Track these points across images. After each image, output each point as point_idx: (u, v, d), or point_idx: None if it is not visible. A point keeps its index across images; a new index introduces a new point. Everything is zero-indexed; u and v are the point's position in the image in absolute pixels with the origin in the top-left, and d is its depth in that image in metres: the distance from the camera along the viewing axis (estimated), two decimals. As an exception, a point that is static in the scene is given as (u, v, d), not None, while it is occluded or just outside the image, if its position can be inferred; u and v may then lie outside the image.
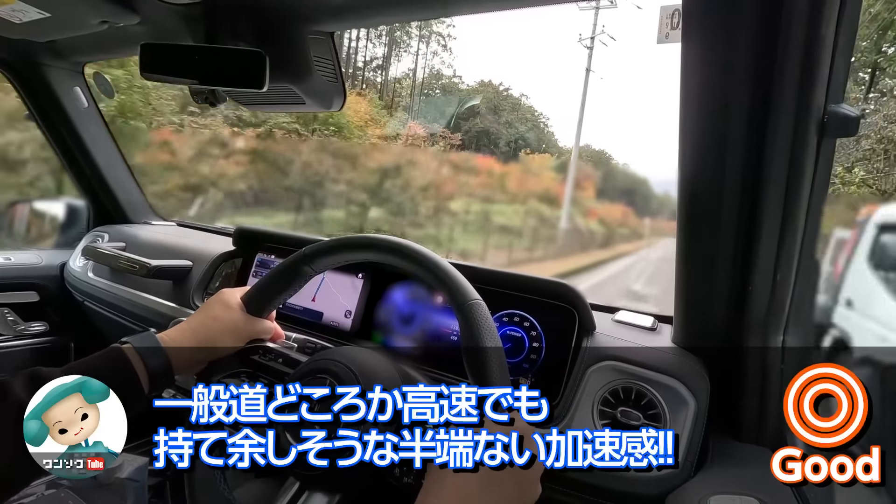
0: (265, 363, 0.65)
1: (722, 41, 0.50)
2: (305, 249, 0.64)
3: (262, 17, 0.77)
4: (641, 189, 13.11)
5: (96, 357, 0.56)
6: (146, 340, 0.59)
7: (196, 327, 0.63)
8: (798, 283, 0.61)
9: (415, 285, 0.91)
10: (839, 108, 0.51)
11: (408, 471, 0.53)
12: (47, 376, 0.52)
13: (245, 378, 0.66)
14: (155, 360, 0.58)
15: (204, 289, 1.17)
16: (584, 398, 0.70)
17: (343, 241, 0.63)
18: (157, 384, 0.58)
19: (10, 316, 1.43)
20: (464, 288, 0.55)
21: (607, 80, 22.72)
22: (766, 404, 0.68)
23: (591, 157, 13.65)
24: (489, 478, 0.45)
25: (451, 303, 0.55)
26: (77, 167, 1.53)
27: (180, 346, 0.60)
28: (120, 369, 0.56)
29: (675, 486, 0.62)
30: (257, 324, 0.65)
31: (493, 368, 0.51)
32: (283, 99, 0.89)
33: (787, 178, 0.54)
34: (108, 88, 1.43)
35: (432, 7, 0.74)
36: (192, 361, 0.62)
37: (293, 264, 0.64)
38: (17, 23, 0.87)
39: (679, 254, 0.67)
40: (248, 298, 0.66)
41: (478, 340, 0.52)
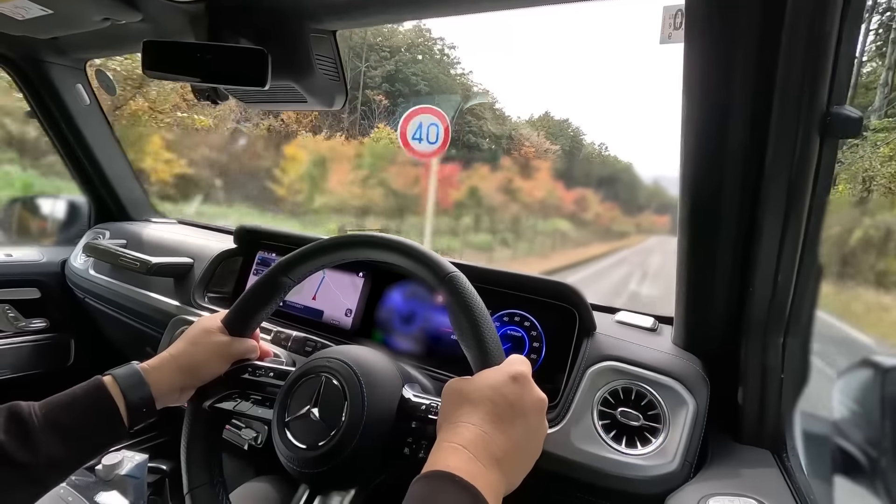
0: (255, 379, 0.64)
1: (724, 42, 0.50)
2: (281, 261, 0.64)
3: (265, 15, 0.78)
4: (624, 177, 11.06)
5: (76, 389, 0.56)
6: (127, 372, 0.58)
7: (178, 356, 0.62)
8: (799, 284, 0.61)
9: (415, 284, 0.91)
10: (842, 110, 0.51)
11: (418, 446, 0.54)
12: (25, 411, 0.51)
13: (237, 398, 0.65)
14: (136, 393, 0.57)
15: (205, 286, 1.17)
16: (584, 398, 0.70)
17: (314, 247, 0.63)
18: (137, 418, 0.57)
19: (10, 312, 1.43)
20: (440, 263, 0.55)
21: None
22: (766, 405, 0.68)
23: (547, 126, 11.49)
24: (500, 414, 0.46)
25: (431, 280, 0.55)
26: (79, 164, 1.53)
27: (162, 374, 0.60)
28: (101, 404, 0.55)
29: (675, 487, 0.62)
30: (241, 344, 0.65)
31: (488, 348, 0.51)
32: (285, 97, 0.89)
33: (789, 179, 0.54)
34: (110, 85, 1.43)
35: (434, 6, 0.74)
36: (175, 390, 0.61)
37: (270, 278, 0.64)
38: (20, 19, 0.87)
39: (680, 255, 0.67)
40: (228, 320, 0.65)
41: (465, 317, 0.52)
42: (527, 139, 10.38)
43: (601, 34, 47.77)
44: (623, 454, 0.65)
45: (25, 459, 0.49)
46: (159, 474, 1.19)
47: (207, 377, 0.63)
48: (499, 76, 23.78)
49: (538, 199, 9.07)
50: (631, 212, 9.82)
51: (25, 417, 0.51)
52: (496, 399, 0.46)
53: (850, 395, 0.70)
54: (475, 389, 0.48)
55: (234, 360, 0.65)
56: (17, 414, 0.51)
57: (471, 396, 0.47)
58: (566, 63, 21.24)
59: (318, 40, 0.84)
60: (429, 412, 0.55)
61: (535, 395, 0.49)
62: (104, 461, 0.98)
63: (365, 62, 14.83)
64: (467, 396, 0.47)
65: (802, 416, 0.70)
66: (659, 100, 21.77)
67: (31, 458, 0.49)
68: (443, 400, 0.50)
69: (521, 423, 0.47)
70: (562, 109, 19.09)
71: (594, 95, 22.76)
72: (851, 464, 0.65)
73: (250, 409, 0.64)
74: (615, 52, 44.74)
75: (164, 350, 0.63)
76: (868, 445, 0.64)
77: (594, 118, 24.74)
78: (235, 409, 0.64)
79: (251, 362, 0.66)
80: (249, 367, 0.65)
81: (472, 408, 0.46)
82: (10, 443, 0.49)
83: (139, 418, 0.57)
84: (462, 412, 0.46)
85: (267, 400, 0.64)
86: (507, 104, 16.43)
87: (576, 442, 0.67)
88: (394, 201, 8.18)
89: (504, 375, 0.48)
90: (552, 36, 41.37)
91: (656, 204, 9.24)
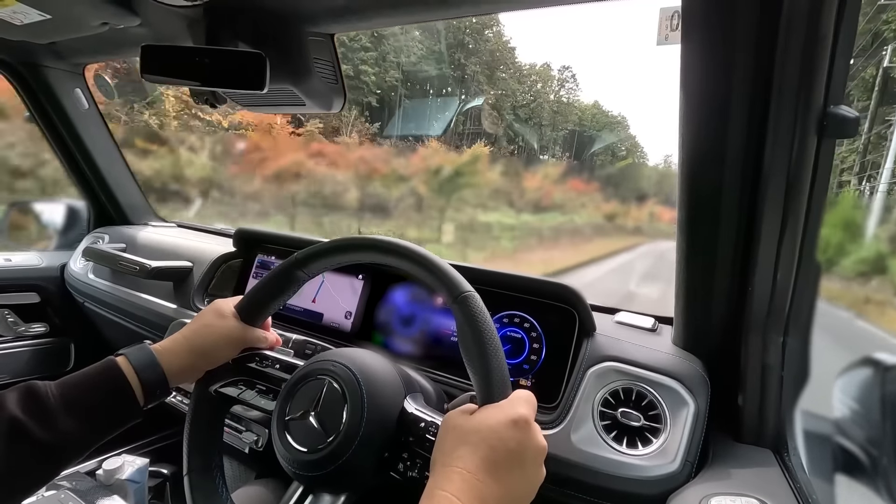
0: (262, 370, 0.65)
1: (721, 43, 0.50)
2: (298, 254, 0.63)
3: (262, 18, 0.78)
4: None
5: (90, 369, 0.56)
6: (141, 353, 0.59)
7: (190, 337, 0.62)
8: (798, 283, 0.61)
9: (414, 286, 0.91)
10: (839, 110, 0.51)
11: (412, 464, 0.53)
12: (42, 390, 0.52)
13: (242, 386, 0.66)
14: (149, 372, 0.57)
15: (204, 290, 1.17)
16: (585, 399, 0.70)
17: (335, 243, 0.62)
18: (151, 396, 0.58)
19: (10, 317, 1.43)
20: (457, 281, 0.54)
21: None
22: (767, 405, 0.68)
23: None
24: (495, 463, 0.45)
25: (446, 297, 0.54)
26: (77, 169, 1.53)
27: (174, 355, 0.60)
28: (114, 382, 0.55)
29: (676, 487, 0.62)
30: (252, 332, 0.65)
31: (494, 381, 0.49)
32: (283, 100, 0.89)
33: (786, 179, 0.54)
34: (108, 90, 1.43)
35: (433, 8, 0.74)
36: (187, 371, 0.62)
37: (286, 270, 0.64)
38: (18, 24, 0.87)
39: (679, 255, 0.67)
40: (241, 307, 0.66)
41: (474, 343, 0.50)
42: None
43: (601, 34, 47.91)
44: (624, 455, 0.65)
45: (43, 436, 0.50)
46: (160, 478, 1.19)
47: (217, 361, 0.64)
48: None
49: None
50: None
51: (42, 396, 0.52)
52: (495, 444, 0.44)
53: (850, 393, 0.70)
54: (474, 430, 0.46)
55: (244, 347, 0.66)
56: (35, 392, 0.52)
57: (469, 438, 0.45)
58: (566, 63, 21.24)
59: (316, 44, 0.84)
60: (427, 431, 0.54)
61: (535, 442, 0.47)
62: (105, 466, 0.98)
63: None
64: (465, 437, 0.45)
65: (803, 414, 0.70)
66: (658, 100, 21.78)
67: (49, 436, 0.50)
68: (440, 433, 0.48)
69: (517, 471, 0.45)
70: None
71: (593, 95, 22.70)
72: (852, 462, 0.65)
73: (254, 398, 0.65)
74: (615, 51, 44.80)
75: (177, 332, 0.64)
76: (869, 444, 0.64)
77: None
78: (240, 396, 0.65)
79: (260, 351, 0.67)
80: (257, 356, 0.66)
81: (470, 451, 0.44)
82: (27, 420, 0.49)
83: (153, 398, 0.58)
84: (458, 454, 0.44)
85: (271, 391, 0.65)
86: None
87: (576, 443, 0.67)
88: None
89: (506, 418, 0.46)
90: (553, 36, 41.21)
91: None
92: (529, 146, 16.29)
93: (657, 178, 9.31)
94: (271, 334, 0.69)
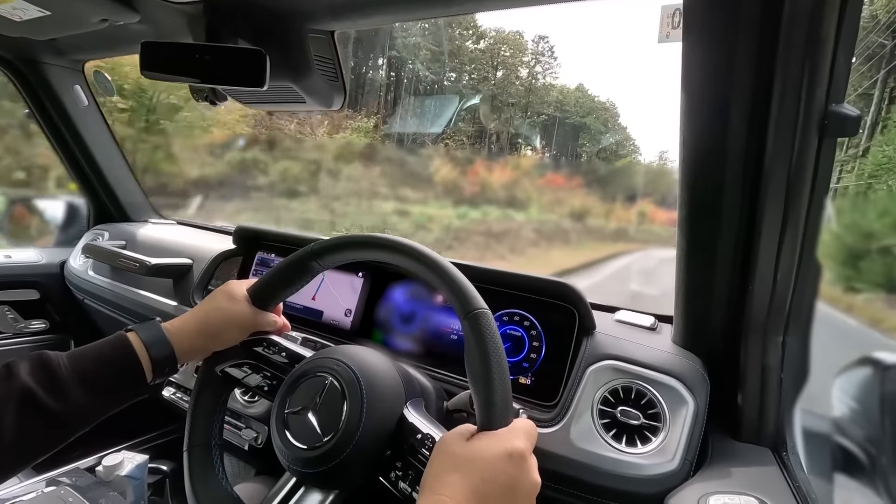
0: (268, 356, 0.66)
1: (722, 41, 0.50)
2: (314, 245, 0.63)
3: (263, 15, 0.77)
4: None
5: (101, 343, 0.57)
6: (151, 329, 0.59)
7: (200, 317, 0.63)
8: (798, 283, 0.61)
9: (414, 284, 0.91)
10: (840, 108, 0.51)
11: (404, 475, 0.53)
12: (54, 360, 0.53)
13: (248, 369, 0.66)
14: (158, 348, 0.58)
15: (204, 287, 1.17)
16: (584, 397, 0.70)
17: (352, 238, 0.62)
18: (159, 372, 0.58)
19: (10, 314, 1.43)
20: (471, 296, 0.52)
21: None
22: (766, 404, 0.68)
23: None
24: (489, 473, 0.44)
25: (458, 311, 0.53)
26: (77, 165, 1.53)
27: (184, 334, 0.61)
28: (124, 357, 0.56)
29: (675, 486, 0.62)
30: (262, 316, 0.66)
31: (495, 408, 0.48)
32: (284, 97, 0.89)
33: (787, 178, 0.54)
34: (108, 86, 1.43)
35: (434, 6, 0.74)
36: (195, 350, 0.62)
37: (301, 259, 0.64)
38: (18, 21, 0.87)
39: (679, 253, 0.67)
40: (253, 291, 0.66)
41: (481, 364, 0.49)
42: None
43: (601, 33, 47.76)
44: (623, 453, 0.65)
45: (53, 405, 0.51)
46: (160, 475, 1.19)
47: (226, 343, 0.64)
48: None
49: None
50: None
51: (54, 366, 0.52)
52: (487, 478, 0.43)
53: (849, 392, 0.70)
54: (468, 460, 0.44)
55: (254, 331, 0.66)
56: (46, 362, 0.53)
57: (461, 467, 0.44)
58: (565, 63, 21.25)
59: (317, 41, 0.84)
60: (423, 444, 0.53)
61: (528, 478, 0.45)
62: (104, 462, 0.98)
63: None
64: (458, 465, 0.44)
65: (802, 413, 0.70)
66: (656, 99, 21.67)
67: (59, 405, 0.51)
68: (434, 453, 0.47)
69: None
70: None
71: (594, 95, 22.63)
72: (851, 461, 0.65)
73: (258, 382, 0.66)
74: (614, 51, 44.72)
75: (188, 311, 0.65)
76: (868, 443, 0.64)
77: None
78: (244, 380, 0.66)
79: (268, 336, 0.68)
80: (265, 341, 0.67)
81: (460, 479, 0.43)
82: (39, 389, 0.50)
83: (161, 374, 0.59)
84: (448, 481, 0.43)
85: (275, 378, 0.65)
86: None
87: (575, 441, 0.67)
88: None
89: (503, 450, 0.45)
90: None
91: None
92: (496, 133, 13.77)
93: (652, 175, 8.83)
94: (281, 319, 0.69)
